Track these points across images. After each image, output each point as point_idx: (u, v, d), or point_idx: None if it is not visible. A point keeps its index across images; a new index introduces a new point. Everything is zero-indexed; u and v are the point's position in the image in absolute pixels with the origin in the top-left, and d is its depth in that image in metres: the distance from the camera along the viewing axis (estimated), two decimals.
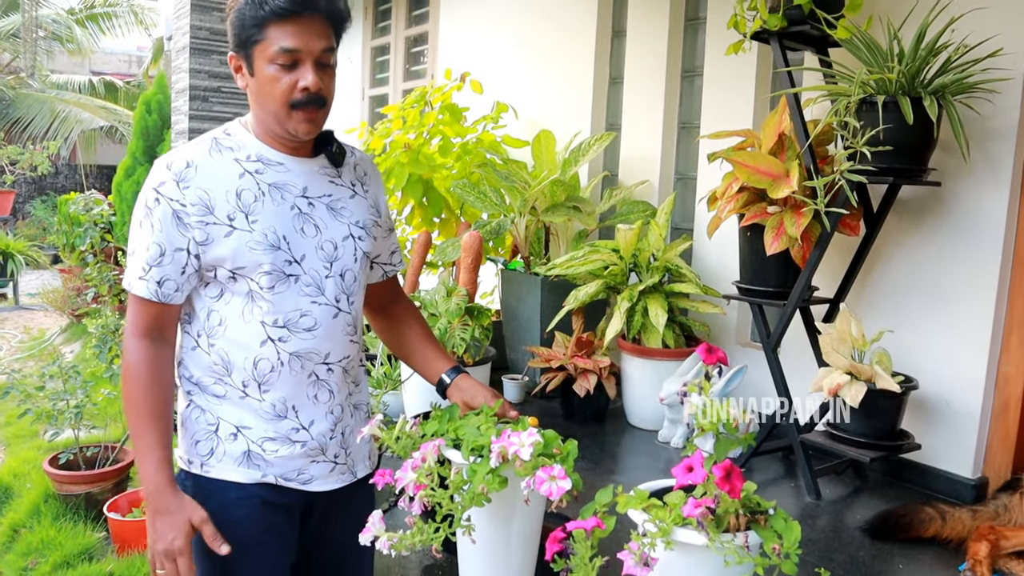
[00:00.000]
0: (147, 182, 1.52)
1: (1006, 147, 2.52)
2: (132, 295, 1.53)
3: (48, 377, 3.93)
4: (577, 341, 3.13)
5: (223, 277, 1.54)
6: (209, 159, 1.53)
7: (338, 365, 1.65)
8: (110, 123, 12.84)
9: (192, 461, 1.61)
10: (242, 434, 1.59)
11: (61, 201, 8.20)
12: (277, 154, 1.58)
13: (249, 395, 1.58)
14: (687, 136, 3.67)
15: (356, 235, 1.65)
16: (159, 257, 1.50)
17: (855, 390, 2.41)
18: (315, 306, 1.59)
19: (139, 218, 1.52)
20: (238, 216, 1.51)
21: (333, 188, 1.64)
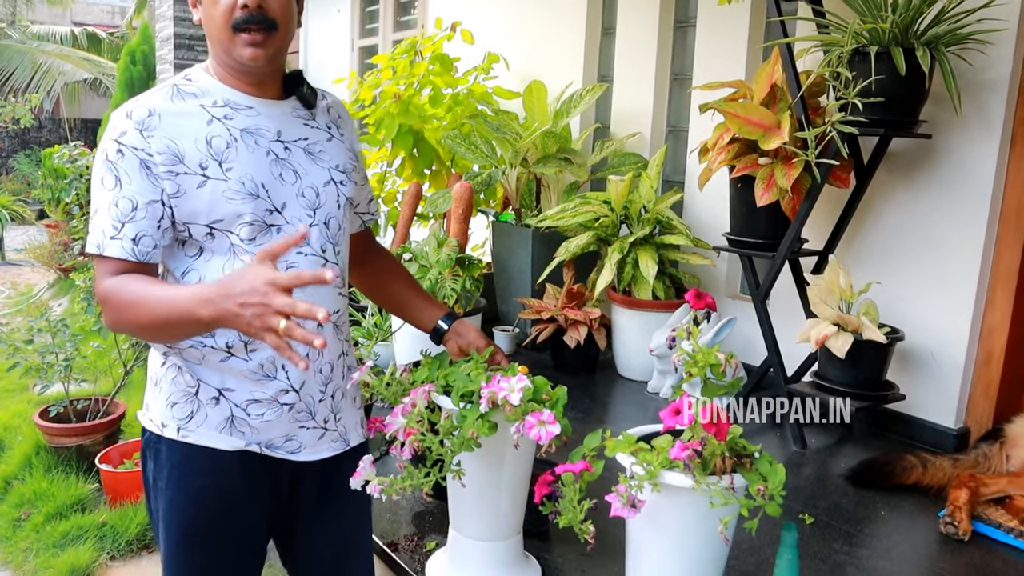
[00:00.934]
0: (105, 135, 1.39)
1: (998, 99, 2.51)
2: (101, 259, 1.37)
3: (36, 331, 3.92)
4: (568, 292, 3.13)
5: (199, 234, 1.41)
6: (172, 106, 1.41)
7: (327, 321, 1.58)
8: (94, 75, 12.64)
9: (167, 424, 1.48)
10: (225, 397, 1.47)
11: (45, 154, 8.10)
12: (245, 97, 1.46)
13: (234, 355, 1.45)
14: (679, 88, 3.64)
15: (337, 180, 1.55)
16: (131, 212, 1.36)
17: (842, 341, 2.43)
18: (301, 257, 1.47)
19: (100, 174, 1.39)
20: (211, 164, 1.39)
21: (308, 131, 1.54)
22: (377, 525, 1.95)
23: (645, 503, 1.26)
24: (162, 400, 1.48)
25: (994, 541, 2.07)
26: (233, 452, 1.46)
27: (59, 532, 3.12)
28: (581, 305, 3.12)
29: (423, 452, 1.45)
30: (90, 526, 3.16)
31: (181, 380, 1.47)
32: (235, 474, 1.47)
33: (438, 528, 1.95)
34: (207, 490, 1.47)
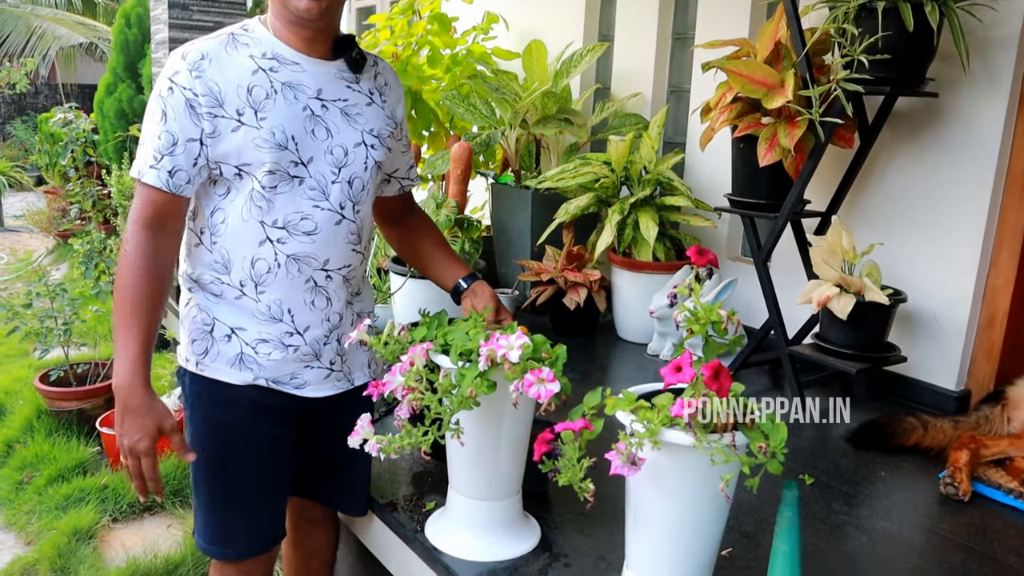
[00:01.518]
0: (162, 73, 1.52)
1: (1007, 56, 2.46)
2: (141, 184, 1.51)
3: (35, 295, 3.91)
4: (567, 254, 3.11)
5: (229, 174, 1.53)
6: (224, 53, 1.52)
7: (338, 273, 1.65)
8: (89, 40, 12.51)
9: (188, 359, 1.64)
10: (236, 335, 1.60)
11: (41, 119, 8.04)
12: (293, 52, 1.56)
13: (246, 295, 1.59)
14: (681, 47, 3.58)
15: (369, 143, 1.63)
16: (171, 146, 1.49)
17: (844, 302, 2.41)
18: (317, 210, 1.58)
19: (152, 108, 1.52)
20: (247, 111, 1.50)
21: (349, 93, 1.62)
22: (376, 485, 1.95)
23: (645, 461, 1.24)
24: (185, 337, 1.65)
25: (994, 502, 2.07)
26: (243, 386, 1.61)
27: (61, 495, 3.14)
28: (581, 267, 3.10)
29: (421, 411, 1.44)
30: (92, 489, 3.18)
31: (199, 319, 1.62)
32: (246, 405, 1.62)
33: (437, 488, 1.95)
34: (222, 419, 1.65)
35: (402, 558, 1.82)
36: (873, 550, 1.82)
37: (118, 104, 7.07)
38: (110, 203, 4.80)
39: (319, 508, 1.92)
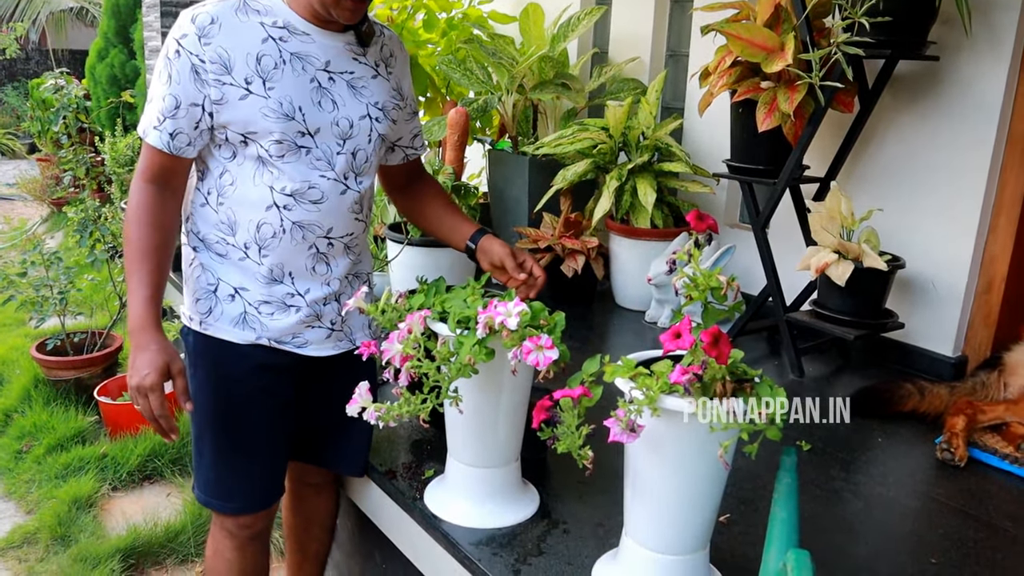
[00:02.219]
0: (171, 33, 1.52)
1: (1009, 18, 2.43)
2: (145, 142, 1.55)
3: (30, 264, 3.90)
4: (565, 221, 3.10)
5: (235, 140, 1.55)
6: (235, 18, 1.51)
7: (339, 241, 1.67)
8: (80, 4, 12.34)
9: (193, 318, 1.67)
10: (240, 296, 1.63)
11: (32, 85, 7.95)
12: (305, 23, 1.56)
13: (249, 257, 1.61)
14: (680, 11, 3.54)
15: (374, 116, 1.65)
16: (174, 110, 1.51)
17: (842, 268, 2.41)
18: (323, 180, 1.60)
19: (159, 68, 1.53)
20: (255, 80, 1.51)
21: (356, 66, 1.63)
22: (375, 453, 1.95)
23: (644, 428, 1.24)
24: (189, 296, 1.68)
25: (990, 467, 2.08)
26: (246, 344, 1.65)
27: (60, 464, 3.15)
28: (579, 234, 3.08)
29: (420, 379, 1.44)
30: (91, 457, 3.19)
31: (203, 279, 1.64)
32: (249, 364, 1.65)
33: (436, 456, 1.96)
34: (225, 376, 1.66)
35: (401, 525, 1.82)
36: (870, 515, 1.84)
37: (110, 70, 6.99)
38: (104, 170, 4.76)
39: (319, 473, 1.94)
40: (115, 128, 5.48)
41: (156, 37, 3.80)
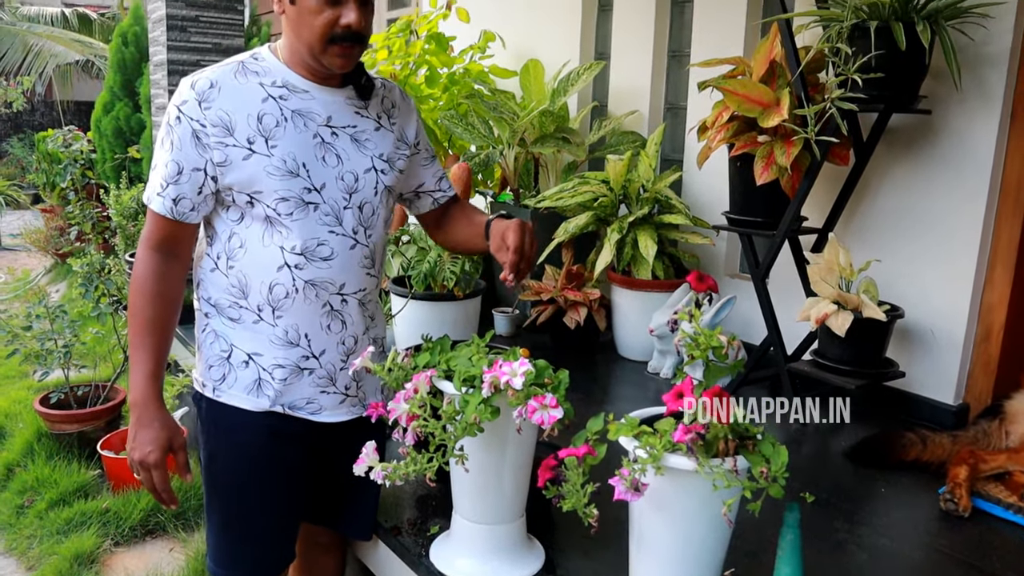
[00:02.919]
0: (172, 100, 1.54)
1: (998, 73, 2.49)
2: (150, 209, 1.56)
3: (35, 317, 3.92)
4: (567, 273, 3.13)
5: (241, 201, 1.55)
6: (234, 81, 1.54)
7: (353, 297, 1.66)
8: (86, 57, 12.52)
9: (205, 385, 1.66)
10: (253, 361, 1.62)
11: (39, 138, 8.05)
12: (303, 81, 1.58)
13: (263, 319, 1.60)
14: (677, 65, 3.61)
15: (379, 168, 1.65)
16: (176, 175, 1.52)
17: (842, 319, 2.43)
18: (332, 236, 1.59)
19: (162, 135, 1.55)
20: (258, 140, 1.52)
21: (358, 119, 1.64)
22: (381, 509, 1.95)
23: (648, 486, 1.26)
24: (202, 362, 1.67)
25: (994, 517, 2.08)
26: (259, 412, 1.62)
27: (63, 519, 3.13)
28: (581, 286, 3.11)
29: (426, 437, 1.45)
30: (93, 512, 3.17)
31: (216, 345, 1.64)
32: (262, 432, 1.63)
33: (441, 512, 1.96)
34: (237, 444, 1.65)
35: None
36: (874, 568, 1.83)
37: (115, 122, 7.08)
38: (109, 224, 4.81)
39: (328, 533, 1.93)
40: (120, 181, 5.55)
41: (163, 95, 3.87)
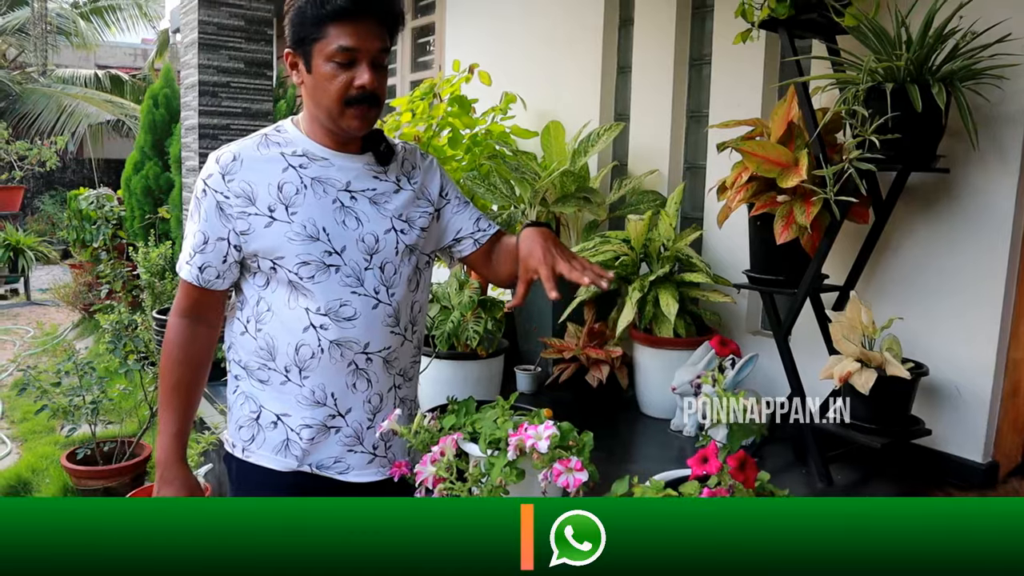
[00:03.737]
0: (200, 174, 1.63)
1: (1015, 133, 2.52)
2: (180, 277, 1.64)
3: (64, 373, 3.97)
4: (589, 331, 3.15)
5: (265, 267, 1.60)
6: (256, 153, 1.61)
7: (377, 355, 1.68)
8: (117, 117, 12.86)
9: (235, 445, 1.69)
10: (282, 422, 1.66)
11: (71, 196, 8.24)
12: (323, 149, 1.63)
13: (291, 380, 1.64)
14: (696, 125, 3.67)
15: (399, 228, 1.68)
16: (203, 245, 1.59)
17: (865, 377, 2.43)
18: (355, 296, 1.63)
19: (191, 207, 1.63)
20: (279, 208, 1.58)
21: (377, 183, 1.68)
22: None
23: None
24: (232, 423, 1.70)
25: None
26: (287, 472, 1.65)
27: None
28: (603, 344, 3.13)
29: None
30: None
31: (246, 407, 1.68)
32: (289, 492, 1.65)
33: None
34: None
35: None
36: None
37: (145, 181, 7.25)
38: (138, 282, 4.91)
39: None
40: (148, 239, 5.68)
41: (193, 157, 3.98)
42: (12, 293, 9.73)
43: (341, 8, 1.51)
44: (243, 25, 4.03)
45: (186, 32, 4.14)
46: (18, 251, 9.40)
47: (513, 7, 4.57)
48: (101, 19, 14.57)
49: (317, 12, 1.53)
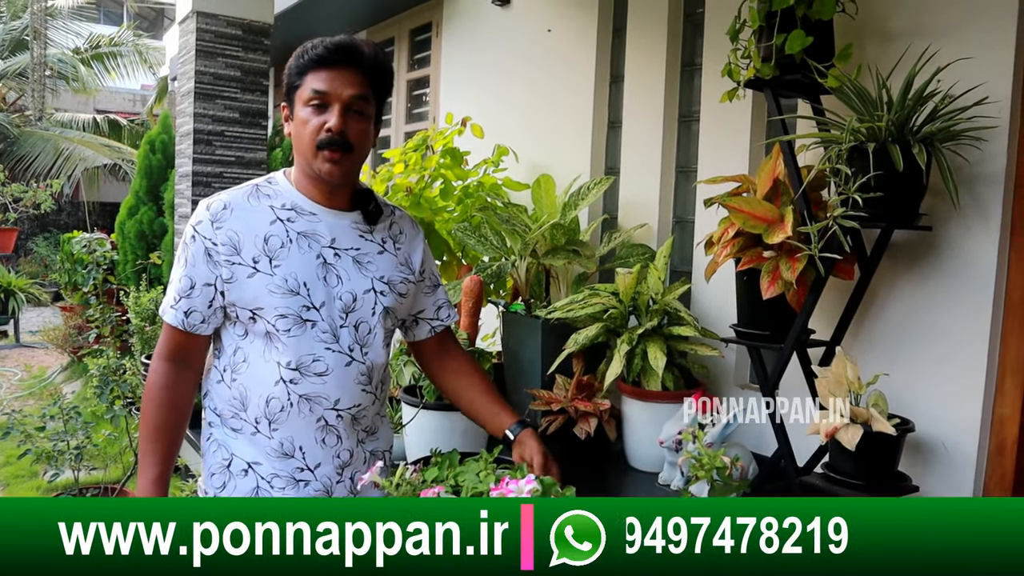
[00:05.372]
0: (190, 220, 1.66)
1: (994, 192, 2.56)
2: (164, 321, 1.67)
3: (49, 417, 3.96)
4: (577, 384, 3.15)
5: (244, 317, 1.63)
6: (246, 203, 1.65)
7: (347, 412, 1.70)
8: (113, 161, 12.97)
9: (208, 492, 1.72)
10: (253, 470, 1.67)
11: (64, 239, 8.27)
12: (311, 204, 1.68)
13: (260, 431, 1.66)
14: (685, 180, 3.73)
15: (379, 290, 1.72)
16: (189, 290, 1.62)
17: (851, 433, 2.43)
18: (328, 352, 1.65)
19: (178, 252, 1.66)
20: (262, 260, 1.61)
21: (362, 242, 1.72)
22: None
23: None
24: (205, 470, 1.72)
25: None
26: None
27: None
28: (591, 396, 3.13)
29: None
30: None
31: (219, 454, 1.69)
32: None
33: None
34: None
35: None
36: None
37: (139, 226, 7.28)
38: (127, 327, 4.91)
39: None
40: (140, 284, 5.68)
41: (186, 204, 4.02)
42: (1, 335, 9.69)
43: (319, 56, 1.59)
44: (239, 76, 4.10)
45: (183, 81, 4.21)
46: (9, 293, 9.40)
47: (507, 62, 4.66)
48: (102, 64, 14.77)
49: (299, 63, 1.62)
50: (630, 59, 3.90)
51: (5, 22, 13.54)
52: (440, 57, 5.34)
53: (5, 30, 13.45)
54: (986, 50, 2.52)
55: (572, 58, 4.18)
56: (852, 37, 2.68)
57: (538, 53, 4.41)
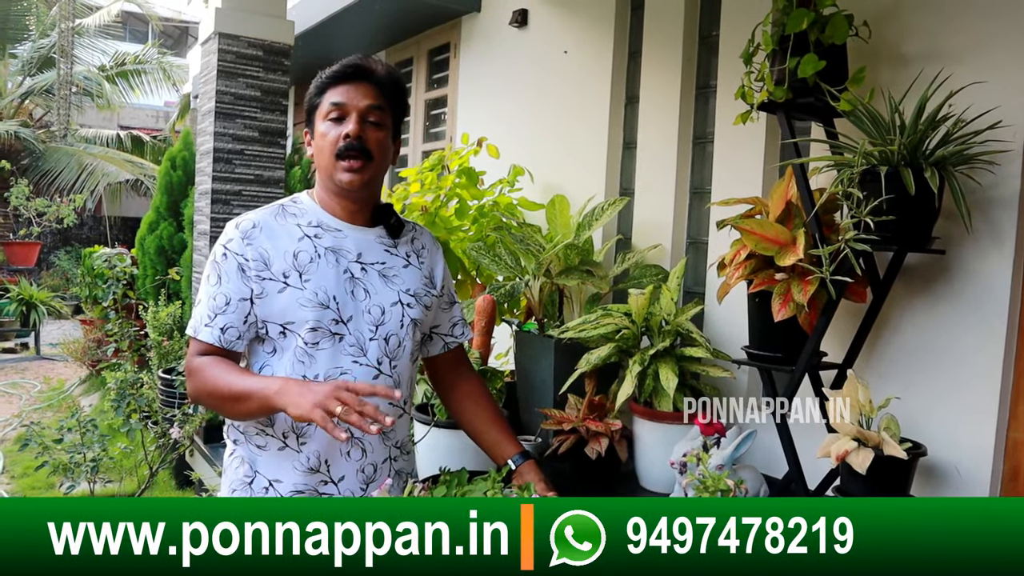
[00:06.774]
0: (217, 241, 1.70)
1: (1008, 216, 2.56)
2: (194, 340, 1.66)
3: (66, 430, 4.01)
4: (589, 403, 3.16)
5: (274, 333, 1.66)
6: (274, 222, 1.69)
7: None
8: (136, 176, 13.13)
9: None
10: (274, 488, 1.69)
11: (85, 253, 8.38)
12: (336, 221, 1.72)
13: (288, 446, 1.69)
14: (699, 201, 3.74)
15: (405, 302, 1.75)
16: (224, 306, 1.64)
17: (862, 457, 2.42)
18: (356, 366, 1.68)
19: (207, 272, 1.68)
20: (292, 274, 1.65)
21: (387, 256, 1.76)
22: None
23: None
24: (226, 486, 1.74)
25: None
26: None
27: None
28: (602, 416, 3.13)
29: None
30: None
31: (241, 470, 1.72)
32: None
33: None
34: None
35: None
36: None
37: (159, 241, 7.38)
38: (146, 341, 4.97)
39: None
40: (158, 299, 5.75)
41: (205, 221, 4.07)
42: (22, 347, 9.81)
43: (335, 73, 1.66)
44: (259, 96, 4.16)
45: (204, 100, 4.28)
46: (31, 305, 9.52)
47: (523, 83, 4.71)
48: (126, 82, 15.00)
49: (318, 83, 1.68)
50: (645, 81, 3.93)
51: (34, 40, 13.79)
52: (458, 77, 5.40)
53: (34, 48, 13.70)
54: (999, 74, 2.53)
55: (588, 80, 4.21)
56: (865, 61, 2.70)
57: (554, 74, 4.45)
